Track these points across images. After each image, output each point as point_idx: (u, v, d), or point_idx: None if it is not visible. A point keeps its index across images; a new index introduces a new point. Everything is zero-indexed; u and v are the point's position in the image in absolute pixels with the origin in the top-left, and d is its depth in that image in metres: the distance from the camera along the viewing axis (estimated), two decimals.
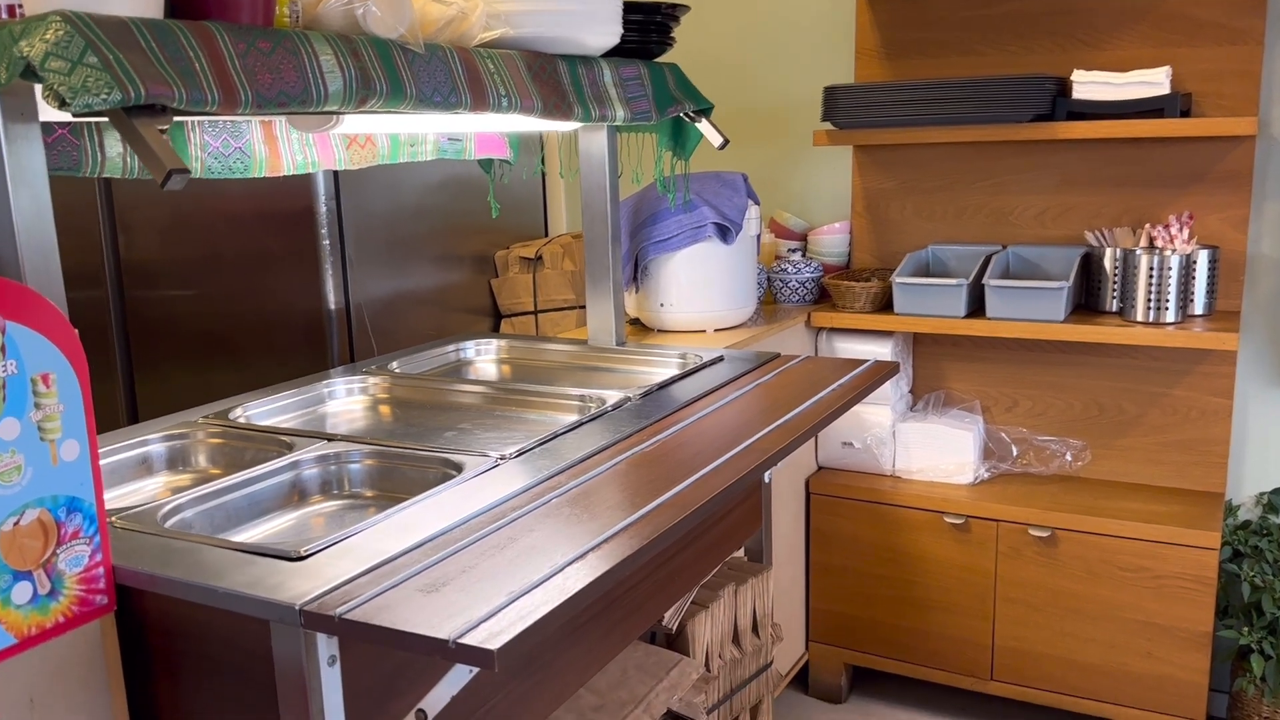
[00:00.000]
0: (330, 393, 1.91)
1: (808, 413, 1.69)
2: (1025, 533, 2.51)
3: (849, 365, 2.01)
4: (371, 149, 1.85)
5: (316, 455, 1.51)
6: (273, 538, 1.41)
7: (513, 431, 1.71)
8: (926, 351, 2.86)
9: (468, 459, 1.46)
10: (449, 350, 2.23)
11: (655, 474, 1.41)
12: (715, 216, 2.33)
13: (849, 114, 2.58)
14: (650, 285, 2.41)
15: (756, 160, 3.02)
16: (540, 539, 1.19)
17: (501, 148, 2.14)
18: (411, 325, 2.80)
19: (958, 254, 2.73)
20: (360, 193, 2.59)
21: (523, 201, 3.19)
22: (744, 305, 2.45)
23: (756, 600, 2.06)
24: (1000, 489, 2.63)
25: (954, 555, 2.60)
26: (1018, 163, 2.69)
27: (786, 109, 2.95)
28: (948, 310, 2.52)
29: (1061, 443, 2.73)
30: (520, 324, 3.03)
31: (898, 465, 2.71)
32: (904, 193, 2.83)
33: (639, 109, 1.89)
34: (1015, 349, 2.76)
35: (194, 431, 1.64)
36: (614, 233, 2.17)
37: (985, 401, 2.82)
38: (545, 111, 1.64)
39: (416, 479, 1.50)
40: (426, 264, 2.82)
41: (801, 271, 2.74)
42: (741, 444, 1.53)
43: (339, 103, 1.29)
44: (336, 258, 2.55)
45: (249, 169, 1.65)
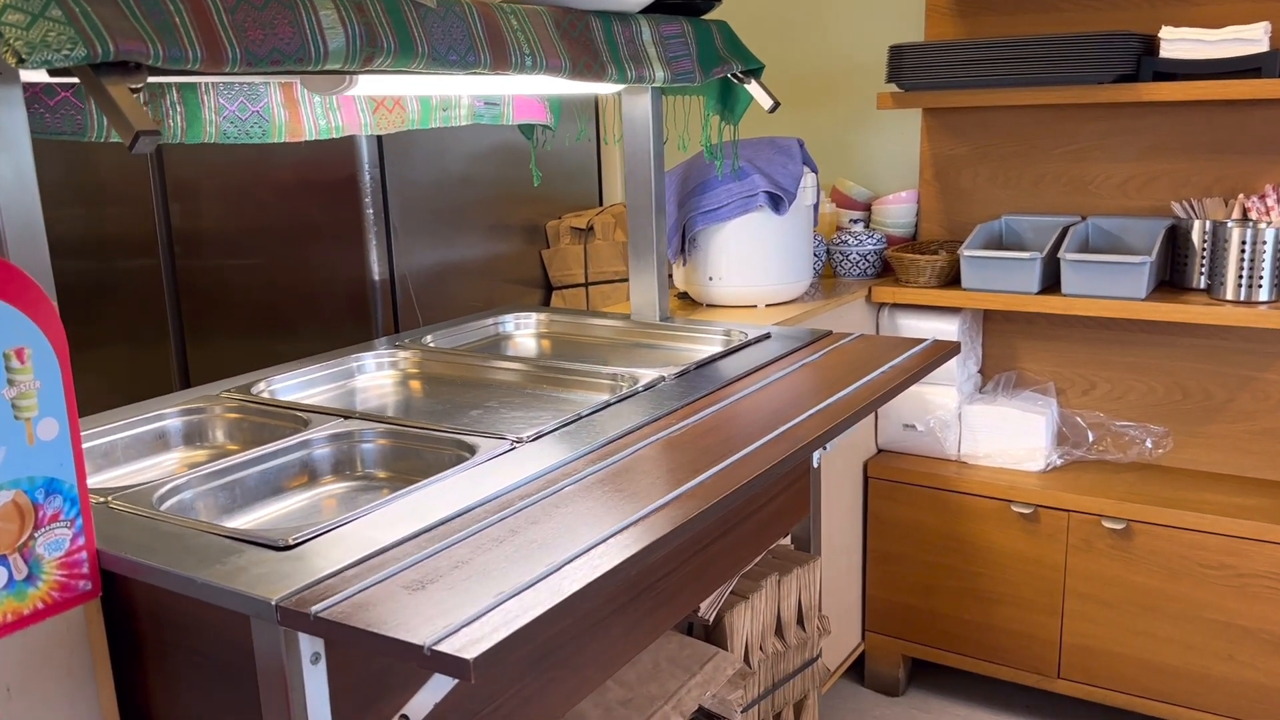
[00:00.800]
0: (359, 367, 1.85)
1: (854, 396, 1.58)
2: (1098, 524, 2.35)
3: (905, 344, 1.88)
4: (400, 113, 1.77)
5: (328, 434, 1.44)
6: (279, 520, 1.35)
7: (540, 411, 1.62)
8: (998, 329, 2.70)
9: (482, 441, 1.38)
10: (488, 324, 2.15)
11: (680, 461, 1.31)
12: (767, 185, 2.20)
13: (916, 75, 2.42)
14: (698, 257, 2.30)
15: (818, 125, 2.87)
16: (545, 532, 1.11)
17: (541, 112, 2.04)
18: (459, 297, 2.73)
19: (1033, 225, 2.56)
20: (405, 161, 2.53)
21: (576, 169, 3.09)
22: (798, 279, 2.32)
23: (803, 591, 1.95)
24: (1073, 477, 2.47)
25: (1021, 546, 2.45)
26: (1100, 127, 2.50)
27: (852, 70, 2.80)
28: (1019, 286, 2.36)
29: (1141, 429, 2.55)
30: (571, 296, 2.95)
31: (963, 450, 2.56)
32: (976, 159, 2.66)
33: (681, 69, 1.78)
34: (1094, 327, 2.58)
35: (212, 406, 1.59)
36: (658, 202, 2.06)
37: (1060, 383, 2.65)
38: (574, 72, 1.54)
39: (431, 460, 1.42)
40: (474, 234, 2.75)
41: (863, 243, 2.60)
42: (778, 429, 1.42)
43: (341, 61, 1.21)
44: (380, 228, 2.49)
45: (267, 134, 1.58)
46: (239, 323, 2.70)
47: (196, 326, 2.79)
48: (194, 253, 2.75)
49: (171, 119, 1.46)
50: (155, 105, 1.44)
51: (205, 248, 2.73)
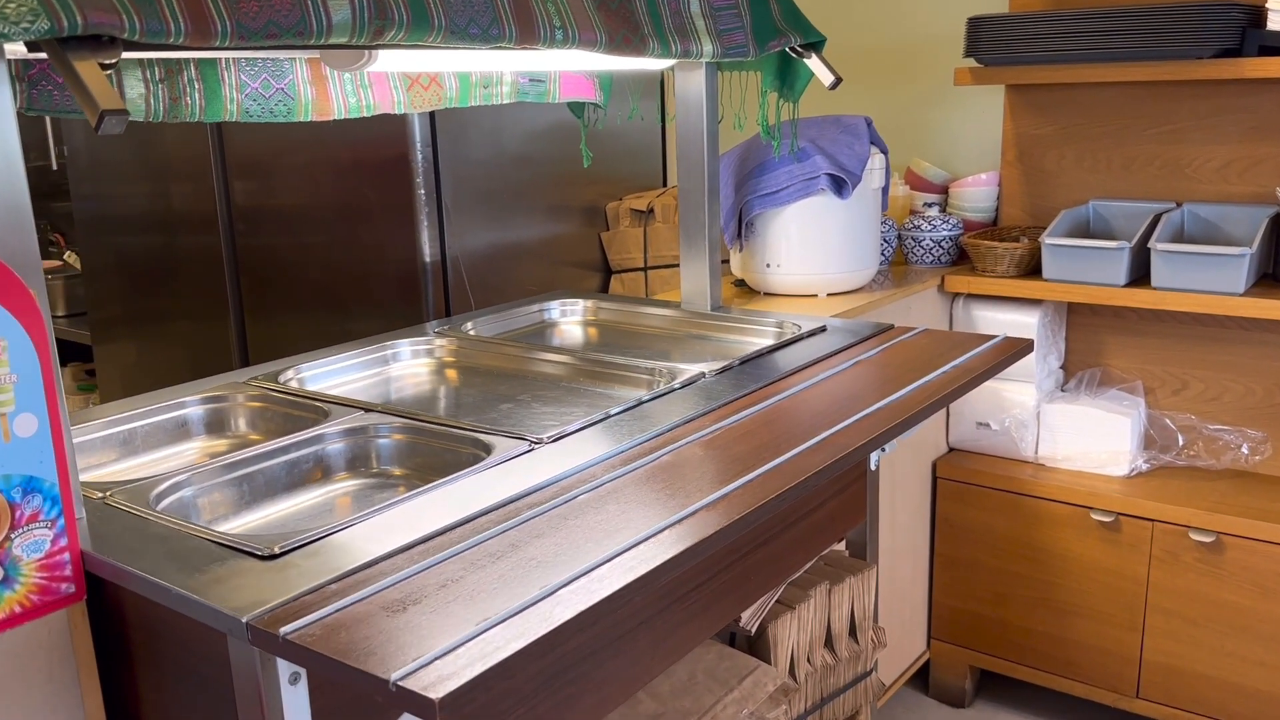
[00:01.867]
0: (394, 355, 1.79)
1: (911, 398, 1.45)
2: (1185, 536, 2.17)
3: (972, 340, 1.74)
4: (436, 90, 1.69)
5: (342, 429, 1.38)
6: (286, 521, 1.28)
7: (572, 408, 1.53)
8: (1083, 323, 2.52)
9: (499, 441, 1.30)
10: (533, 310, 2.07)
11: (710, 467, 1.21)
12: (829, 166, 2.07)
13: (997, 49, 2.25)
14: (756, 243, 2.18)
15: (892, 102, 2.72)
16: (548, 547, 1.02)
17: (590, 89, 1.94)
18: (514, 279, 2.66)
19: (1124, 211, 2.37)
20: (459, 139, 2.45)
21: (639, 148, 2.99)
22: (862, 267, 2.19)
23: (856, 601, 1.83)
24: (1160, 484, 2.29)
25: (1100, 556, 2.29)
26: (1198, 106, 2.30)
27: (929, 43, 2.64)
28: (1105, 277, 2.19)
29: (1237, 433, 2.36)
30: (630, 280, 2.86)
31: (1041, 451, 2.40)
32: (1063, 139, 2.48)
33: (733, 43, 1.66)
34: (1188, 323, 2.39)
35: (235, 395, 1.54)
36: (711, 185, 1.95)
37: (1149, 382, 2.46)
38: (611, 47, 1.43)
39: (447, 459, 1.35)
40: (531, 215, 2.67)
41: (937, 229, 2.44)
42: (822, 433, 1.31)
43: (346, 35, 1.13)
44: (432, 208, 2.43)
45: (293, 112, 1.52)
46: (295, 301, 2.68)
47: (256, 303, 2.78)
48: (253, 230, 2.73)
49: (189, 96, 1.40)
50: (171, 82, 1.38)
51: (264, 226, 2.71)
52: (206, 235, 2.82)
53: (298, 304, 2.68)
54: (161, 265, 2.96)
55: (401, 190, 2.40)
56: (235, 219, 2.78)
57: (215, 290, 2.85)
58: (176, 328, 2.97)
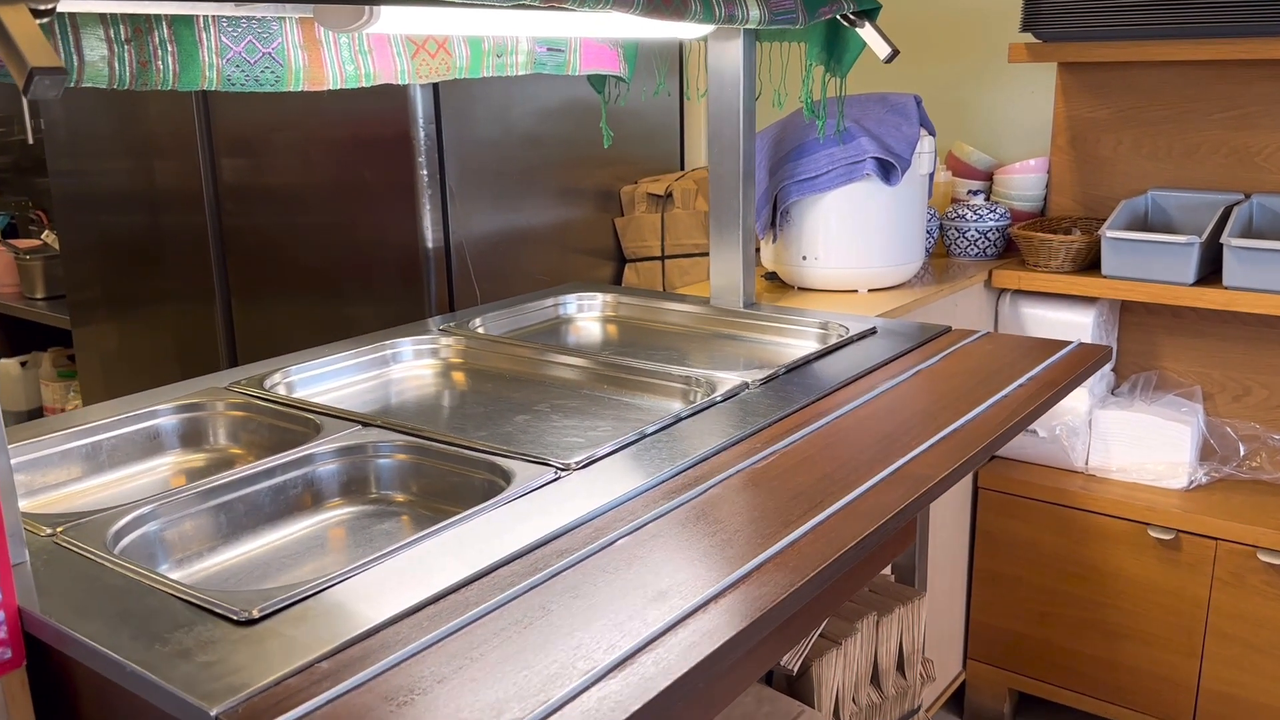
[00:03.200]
0: (395, 356, 1.60)
1: (988, 418, 1.27)
2: (1253, 557, 2.00)
3: (1044, 348, 1.56)
4: (445, 59, 1.50)
5: (338, 447, 1.19)
6: (270, 558, 1.10)
7: (598, 420, 1.35)
8: (1136, 322, 2.34)
9: (521, 466, 1.11)
10: (547, 304, 1.89)
11: (767, 506, 1.03)
12: (877, 150, 1.88)
13: (1058, 23, 2.06)
14: (792, 233, 2.00)
15: (932, 80, 2.52)
16: (582, 611, 0.84)
17: (613, 61, 1.75)
18: (522, 267, 2.47)
19: (1185, 203, 2.19)
20: (464, 117, 2.26)
21: (657, 128, 2.79)
22: (908, 261, 2.00)
23: (905, 633, 1.66)
24: (1221, 498, 2.12)
25: (1157, 576, 2.11)
26: (1272, 89, 2.11)
27: (973, 16, 2.44)
28: (1172, 275, 2.01)
29: None
30: (646, 270, 2.67)
31: (1092, 461, 2.22)
32: (1120, 124, 2.29)
33: (781, 8, 1.47)
34: (1251, 323, 2.21)
35: (214, 402, 1.35)
36: (746, 168, 1.76)
37: (1208, 387, 2.28)
38: (650, 7, 1.24)
39: (458, 485, 1.16)
40: (541, 199, 2.48)
41: (984, 219, 2.26)
42: (893, 463, 1.13)
43: None
44: (435, 190, 2.24)
45: (282, 81, 1.32)
46: (286, 286, 2.50)
47: (244, 287, 2.60)
48: (242, 210, 2.54)
49: (161, 60, 1.21)
50: (140, 42, 1.19)
51: (253, 205, 2.52)
52: (192, 214, 2.63)
53: (289, 289, 2.49)
54: (144, 246, 2.77)
55: (402, 171, 2.21)
56: (222, 197, 2.59)
57: (201, 273, 2.67)
58: (160, 311, 2.78)
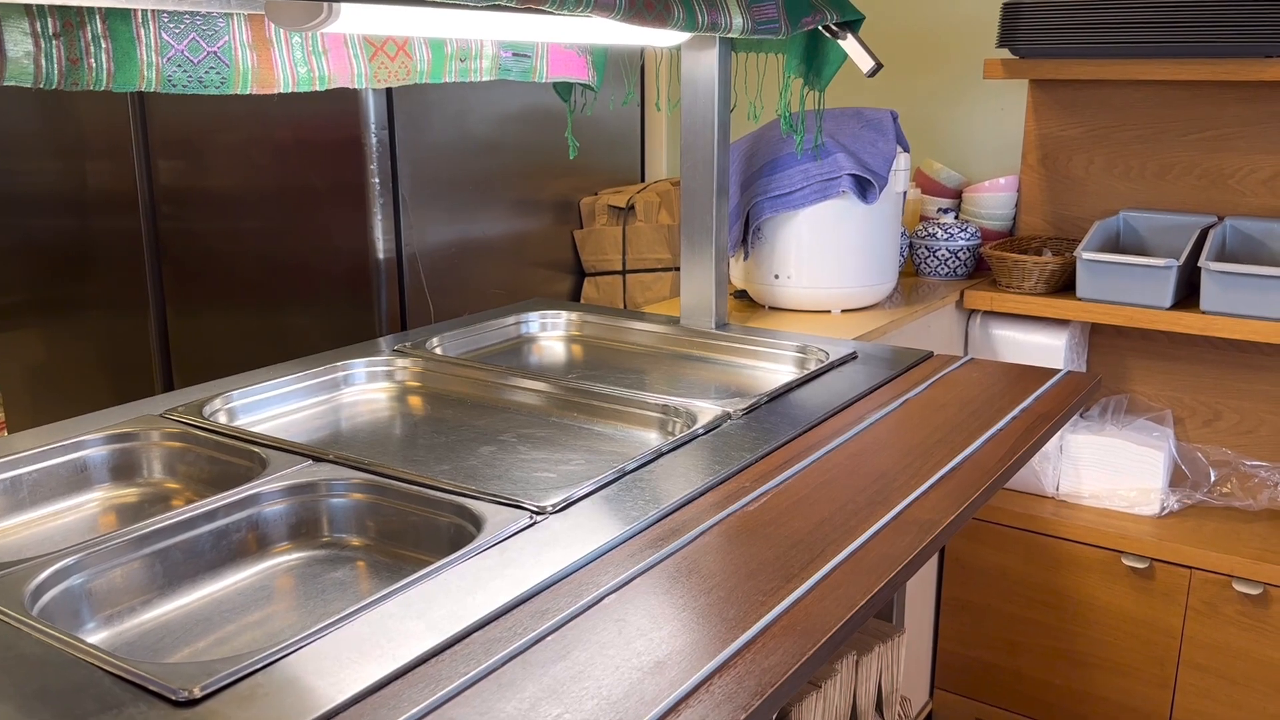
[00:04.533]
0: (346, 378, 1.49)
1: (986, 455, 1.20)
2: (1228, 586, 1.97)
3: (1031, 376, 1.50)
4: (405, 62, 1.39)
5: (286, 486, 1.08)
6: (210, 610, 0.99)
7: (569, 453, 1.26)
8: (1107, 344, 2.31)
9: (492, 510, 1.01)
10: (508, 323, 1.79)
11: (761, 559, 0.94)
12: (853, 166, 1.82)
13: (1035, 39, 2.01)
14: (764, 251, 1.92)
15: (900, 95, 2.47)
16: (569, 689, 0.74)
17: (581, 68, 1.66)
18: (477, 280, 2.37)
19: (1158, 225, 2.16)
20: (419, 122, 2.15)
21: (618, 138, 2.71)
22: (882, 281, 1.94)
23: (884, 671, 1.59)
24: (1194, 525, 2.08)
25: (1129, 605, 2.07)
26: (1246, 111, 2.09)
27: (944, 32, 2.39)
28: (1148, 298, 1.97)
29: (1275, 469, 2.16)
30: (606, 284, 2.58)
31: (1063, 487, 2.18)
32: (1091, 142, 2.25)
33: (764, 16, 1.39)
34: (1221, 347, 2.18)
35: (148, 432, 1.23)
36: (720, 183, 1.68)
37: (1179, 411, 2.25)
38: (631, 12, 1.15)
39: (421, 529, 1.06)
40: (498, 209, 2.38)
41: (954, 238, 2.20)
42: (893, 508, 1.05)
43: None
44: (388, 198, 2.13)
45: (228, 83, 1.21)
46: (225, 294, 2.37)
47: (180, 295, 2.46)
48: (179, 214, 2.41)
49: (94, 57, 1.09)
50: (70, 38, 1.07)
51: (191, 209, 2.38)
52: (125, 218, 2.48)
53: (228, 298, 2.36)
54: (74, 250, 2.61)
55: (352, 176, 2.10)
56: (159, 200, 2.45)
57: (134, 279, 2.52)
58: (90, 319, 2.63)
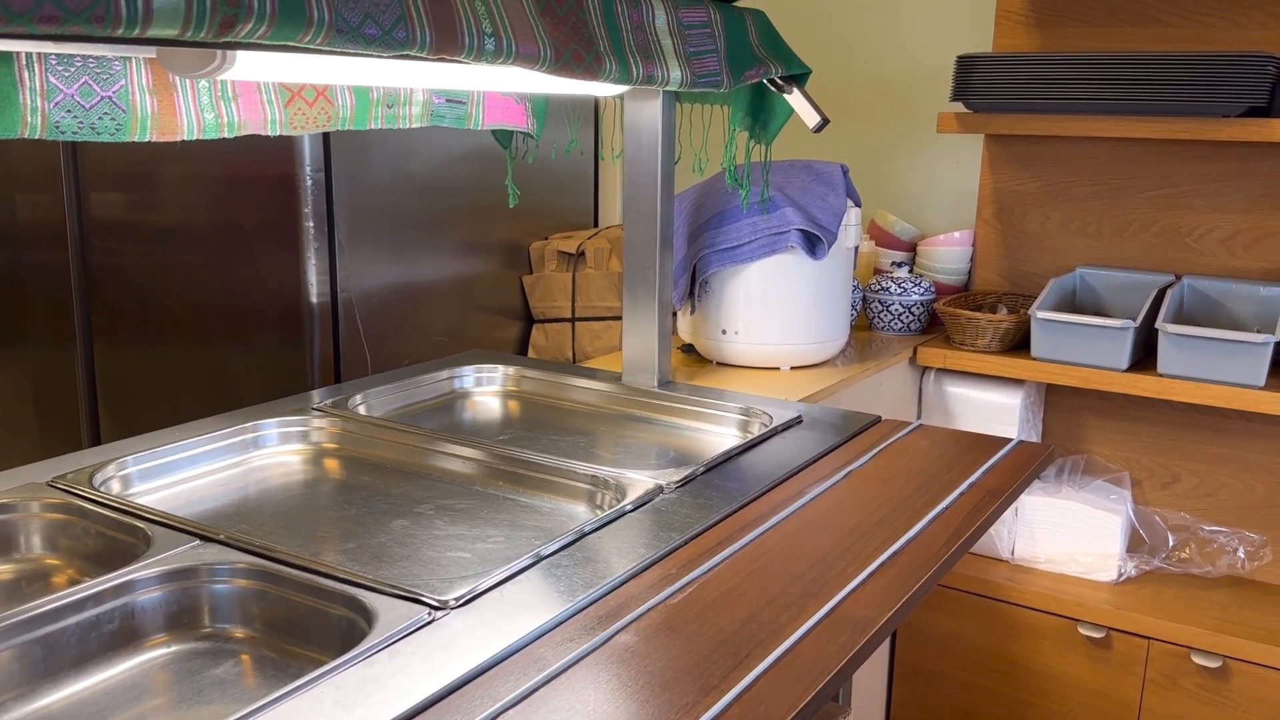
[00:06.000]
0: (257, 440, 1.40)
1: (931, 538, 1.13)
2: (1186, 658, 1.90)
3: (981, 446, 1.43)
4: (326, 108, 1.32)
5: (163, 572, 0.99)
6: (72, 712, 0.89)
7: (489, 528, 1.17)
8: (1063, 403, 2.25)
9: (386, 604, 0.93)
10: (441, 377, 1.70)
11: (687, 660, 0.86)
12: (801, 221, 1.76)
13: (989, 93, 1.97)
14: (711, 305, 1.85)
15: (855, 147, 2.42)
16: None
17: (520, 116, 1.59)
18: (420, 326, 2.28)
19: (1115, 282, 2.11)
20: (358, 162, 2.07)
21: (570, 181, 2.64)
22: (832, 338, 1.88)
23: None
24: (1152, 593, 2.02)
25: (1086, 675, 2.00)
26: (1205, 169, 2.06)
27: (900, 84, 2.35)
28: (1105, 360, 1.92)
29: (1234, 535, 2.11)
30: (555, 332, 2.50)
31: (1018, 551, 2.11)
32: (1048, 198, 2.21)
33: (704, 69, 1.33)
34: (1180, 409, 2.14)
35: (28, 503, 1.14)
36: (663, 236, 1.61)
37: (1136, 473, 2.20)
38: (558, 64, 1.09)
39: (309, 620, 0.97)
40: (443, 253, 2.30)
41: (908, 293, 2.15)
42: (831, 598, 0.97)
43: (175, 26, 0.76)
44: (322, 240, 2.04)
45: (124, 129, 1.13)
46: (154, 332, 2.28)
47: (108, 330, 2.37)
48: (110, 249, 2.32)
49: None
50: None
51: (122, 244, 2.30)
52: (54, 251, 2.39)
53: (158, 336, 2.26)
54: (1, 283, 2.51)
55: (285, 217, 2.01)
56: (89, 234, 2.35)
57: (62, 314, 2.42)
58: (17, 354, 2.53)
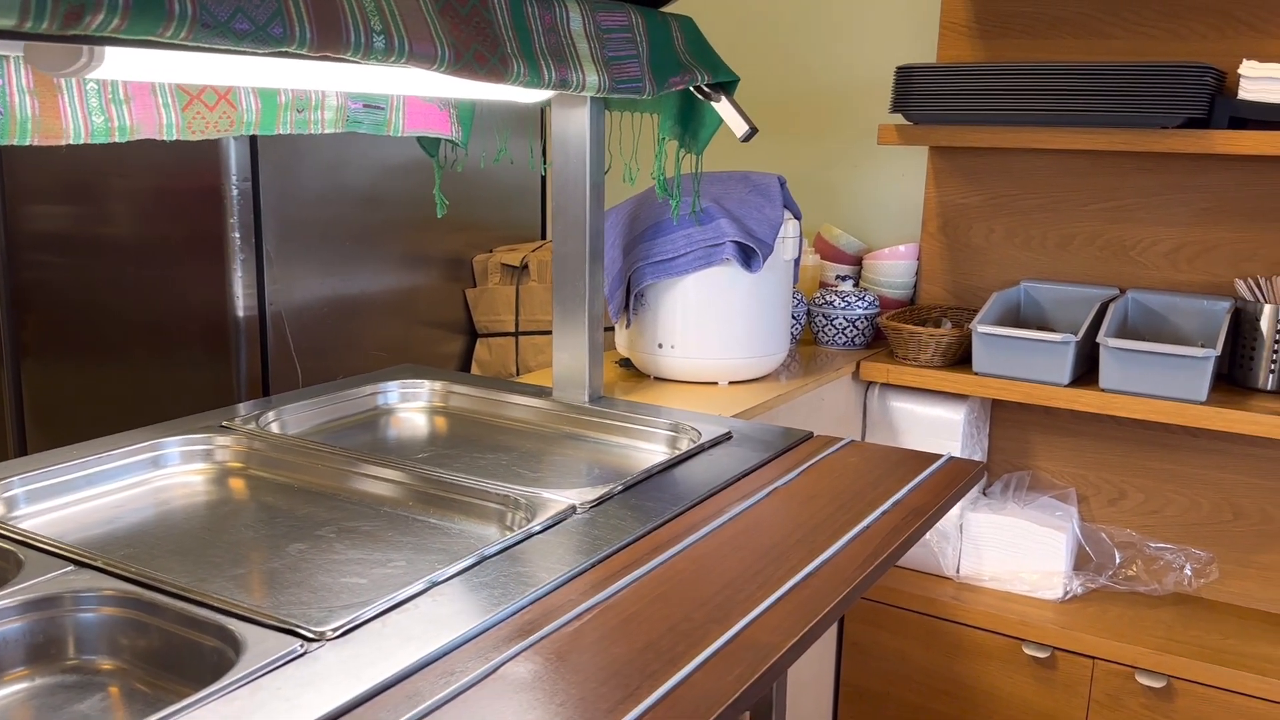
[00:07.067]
0: (159, 459, 1.34)
1: (847, 559, 1.08)
2: (1131, 678, 1.87)
3: (911, 462, 1.39)
4: (228, 112, 1.27)
5: (24, 601, 0.93)
6: None
7: (393, 552, 1.12)
8: (1009, 418, 2.23)
9: (256, 635, 0.87)
10: (364, 393, 1.65)
11: (569, 700, 0.81)
12: (737, 233, 1.72)
13: (928, 104, 1.95)
14: (647, 318, 1.81)
15: (802, 159, 2.39)
16: None
17: (443, 122, 1.55)
18: (357, 341, 2.23)
19: (1059, 296, 2.09)
20: (288, 172, 2.02)
21: (516, 192, 2.60)
22: (771, 353, 1.84)
23: None
24: (1098, 611, 1.99)
25: (1031, 696, 1.97)
26: (1148, 182, 2.04)
27: (845, 95, 2.33)
28: (1047, 374, 1.89)
29: (1180, 552, 2.08)
30: (498, 346, 2.45)
31: (964, 568, 2.08)
32: (992, 211, 2.19)
33: (625, 75, 1.29)
34: (1127, 425, 2.11)
35: None
36: (593, 248, 1.57)
37: (1082, 489, 2.17)
38: (458, 65, 1.04)
39: (183, 650, 0.91)
40: (381, 265, 2.25)
41: (852, 306, 2.11)
42: (733, 626, 0.93)
43: (9, 14, 0.70)
44: (249, 253, 1.99)
45: (3, 133, 1.07)
46: (83, 347, 2.21)
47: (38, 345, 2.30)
48: (37, 263, 2.25)
49: None
50: None
51: (48, 258, 2.23)
52: None
53: (86, 351, 2.20)
54: None
55: (211, 229, 1.96)
56: (16, 248, 2.28)
57: None
58: None
